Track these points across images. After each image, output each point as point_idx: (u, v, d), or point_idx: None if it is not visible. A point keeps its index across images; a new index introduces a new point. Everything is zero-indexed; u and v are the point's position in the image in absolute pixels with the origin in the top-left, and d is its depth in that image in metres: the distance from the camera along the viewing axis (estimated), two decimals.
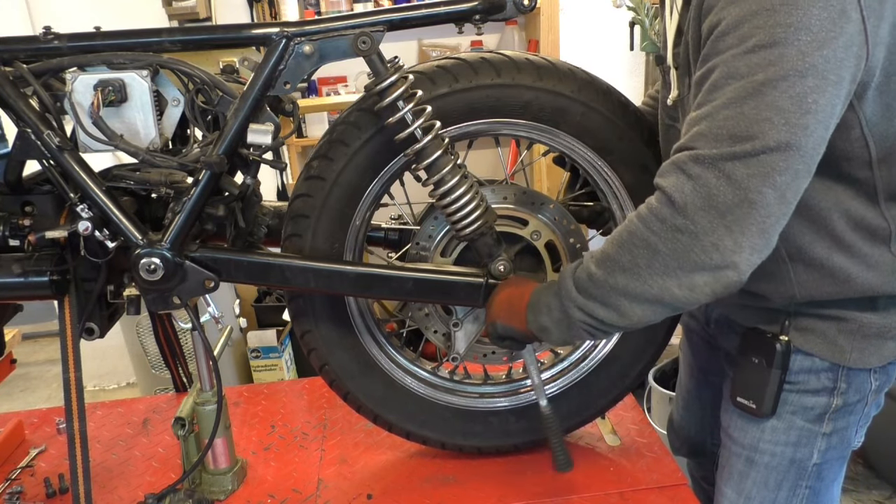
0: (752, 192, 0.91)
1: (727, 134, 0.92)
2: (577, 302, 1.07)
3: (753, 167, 0.91)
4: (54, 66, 1.24)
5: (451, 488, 1.45)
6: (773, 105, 0.90)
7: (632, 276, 1.00)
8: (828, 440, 1.20)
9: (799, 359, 1.17)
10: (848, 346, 1.13)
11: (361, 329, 1.43)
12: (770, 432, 1.21)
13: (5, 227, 1.31)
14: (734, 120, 0.92)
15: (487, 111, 1.29)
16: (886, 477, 2.65)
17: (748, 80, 0.91)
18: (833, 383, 1.16)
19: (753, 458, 1.24)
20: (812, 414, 1.19)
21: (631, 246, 1.00)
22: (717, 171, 0.92)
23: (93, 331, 1.37)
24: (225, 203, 1.30)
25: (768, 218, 0.93)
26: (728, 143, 0.92)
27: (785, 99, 0.89)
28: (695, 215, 0.94)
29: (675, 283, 0.97)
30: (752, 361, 1.19)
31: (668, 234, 0.96)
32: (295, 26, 1.23)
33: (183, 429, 1.42)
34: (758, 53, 0.90)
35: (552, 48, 3.53)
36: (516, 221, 1.39)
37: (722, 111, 0.93)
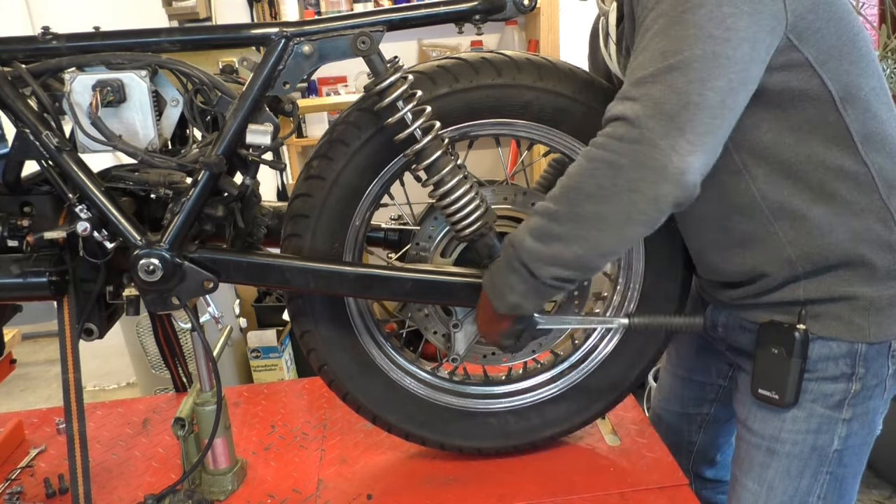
0: (694, 94, 0.98)
1: (659, 53, 1.00)
2: (541, 255, 1.08)
3: (690, 74, 0.98)
4: (53, 66, 1.23)
5: (451, 488, 1.45)
6: (696, 24, 0.98)
7: (598, 199, 1.03)
8: (848, 426, 1.22)
9: (817, 346, 1.19)
10: (864, 323, 1.17)
11: (361, 329, 1.43)
12: (791, 422, 1.23)
13: (4, 228, 1.30)
14: (663, 42, 1.00)
15: (488, 111, 1.29)
16: (886, 477, 2.65)
17: (671, 14, 1.00)
18: (851, 369, 1.19)
19: (774, 448, 1.26)
20: (832, 401, 1.21)
21: (592, 170, 1.04)
22: (659, 85, 0.99)
23: (92, 331, 1.37)
24: (224, 203, 1.30)
25: (714, 119, 0.99)
26: (661, 59, 0.99)
27: (705, 20, 0.98)
28: (648, 122, 0.99)
29: (640, 197, 1.01)
30: (772, 352, 1.21)
31: (628, 148, 1.00)
32: (294, 26, 1.23)
33: (183, 429, 1.42)
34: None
35: (552, 48, 3.53)
36: (516, 222, 1.38)
37: (651, 41, 1.01)
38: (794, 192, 1.13)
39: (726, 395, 1.56)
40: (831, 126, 1.10)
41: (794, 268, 1.17)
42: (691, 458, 1.63)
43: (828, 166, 1.11)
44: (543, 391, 1.49)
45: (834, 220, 1.13)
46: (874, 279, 1.16)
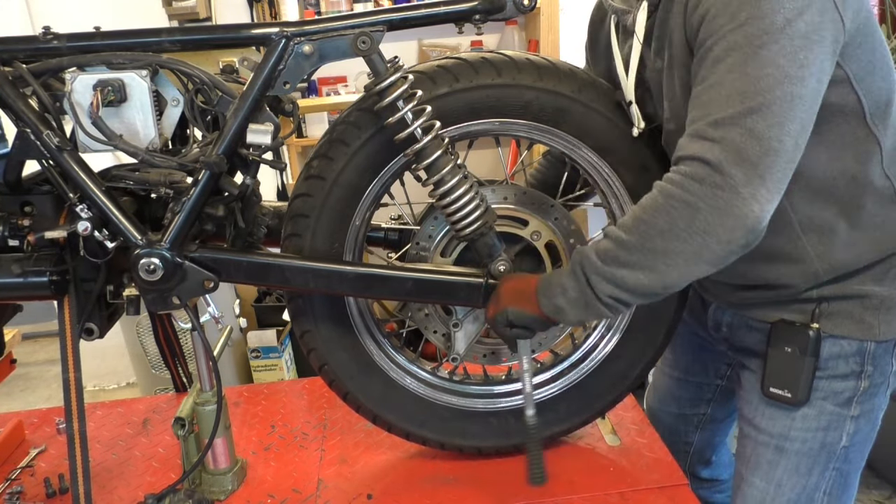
0: (775, 141, 0.98)
1: (737, 93, 0.99)
2: (604, 273, 1.09)
3: (770, 118, 0.98)
4: (54, 66, 1.23)
5: (451, 488, 1.45)
6: (772, 62, 0.98)
7: (671, 236, 1.03)
8: (855, 423, 1.24)
9: (828, 345, 1.21)
10: (875, 321, 1.19)
11: (361, 329, 1.43)
12: (801, 419, 1.25)
13: (5, 228, 1.31)
14: (740, 81, 0.99)
15: (488, 111, 1.29)
16: (886, 477, 2.65)
17: (746, 48, 0.99)
18: (860, 367, 1.21)
19: (783, 447, 1.27)
20: (842, 398, 1.23)
21: (669, 209, 1.03)
22: (739, 129, 0.98)
23: (92, 331, 1.37)
24: (224, 203, 1.30)
25: (789, 164, 1.00)
26: (739, 101, 0.99)
27: (781, 56, 0.98)
28: (731, 170, 0.98)
29: (714, 240, 1.01)
30: (785, 351, 1.22)
31: (709, 192, 1.00)
32: (294, 26, 1.23)
33: (183, 429, 1.42)
34: (751, 24, 0.98)
35: (552, 48, 3.53)
36: (516, 222, 1.39)
37: (727, 76, 1.00)
38: (824, 206, 1.15)
39: (724, 394, 1.56)
40: (862, 141, 1.12)
41: (818, 277, 1.19)
42: (688, 458, 1.64)
43: (858, 181, 1.14)
44: (543, 391, 1.49)
45: (861, 232, 1.16)
46: (885, 279, 1.19)
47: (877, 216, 1.16)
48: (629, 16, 1.22)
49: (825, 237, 1.17)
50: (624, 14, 1.24)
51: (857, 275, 1.19)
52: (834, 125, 1.11)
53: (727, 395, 1.56)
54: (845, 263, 1.18)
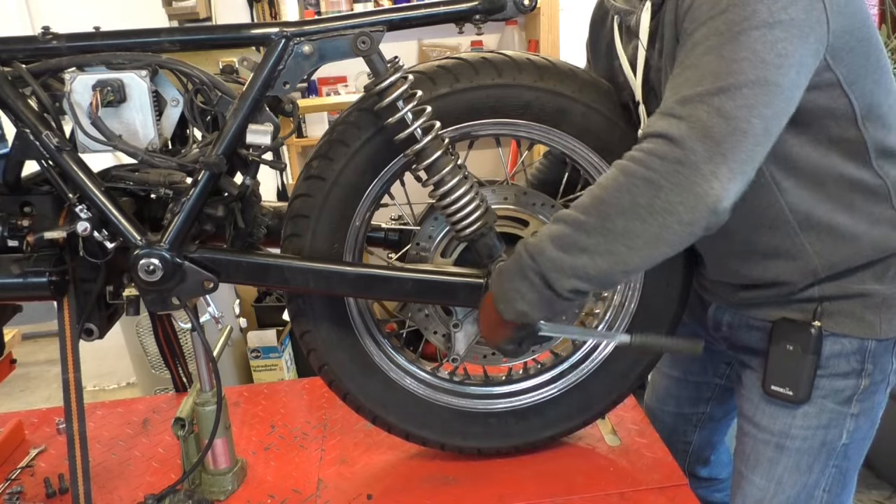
0: (742, 121, 0.96)
1: (710, 73, 0.98)
2: (563, 266, 1.04)
3: (740, 100, 0.96)
4: (53, 66, 1.23)
5: (451, 488, 1.45)
6: (749, 47, 0.97)
7: (632, 216, 1.00)
8: (855, 421, 1.24)
9: (829, 343, 1.21)
10: (876, 320, 1.19)
11: (361, 329, 1.43)
12: (802, 417, 1.25)
13: (4, 228, 1.30)
14: (715, 62, 0.98)
15: (488, 111, 1.29)
16: (886, 477, 2.65)
17: (725, 33, 0.98)
18: (861, 365, 1.22)
19: (784, 444, 1.27)
20: (842, 396, 1.23)
21: (630, 186, 1.00)
22: (707, 106, 0.97)
23: (92, 331, 1.37)
24: (224, 203, 1.30)
25: (756, 147, 0.98)
26: (711, 80, 0.98)
27: (759, 44, 0.97)
28: (693, 145, 0.97)
29: (675, 220, 0.99)
30: (787, 349, 1.22)
31: (670, 168, 0.98)
32: (294, 26, 1.23)
33: (183, 429, 1.42)
34: (732, 11, 0.98)
35: (552, 48, 3.53)
36: (517, 222, 1.38)
37: (702, 58, 1.00)
38: (819, 203, 1.15)
39: (722, 393, 1.56)
40: (850, 142, 1.12)
41: (816, 275, 1.19)
42: (687, 457, 1.64)
43: (846, 178, 1.14)
44: (544, 391, 1.49)
45: (856, 229, 1.16)
46: (885, 277, 1.19)
47: (872, 214, 1.16)
48: (632, 17, 1.21)
49: (823, 234, 1.16)
50: (627, 15, 1.23)
51: (856, 272, 1.19)
52: (823, 126, 1.11)
53: (726, 394, 1.56)
54: (844, 261, 1.17)
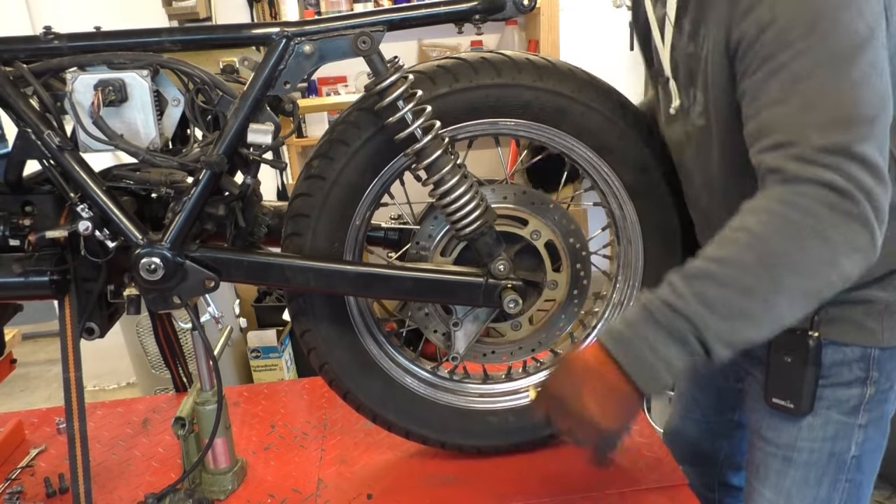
0: (881, 165, 0.93)
1: (845, 117, 0.93)
2: (731, 338, 0.96)
3: (872, 142, 0.92)
4: (54, 65, 1.23)
5: (451, 488, 1.45)
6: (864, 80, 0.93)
7: (805, 273, 0.94)
8: (864, 431, 1.21)
9: (830, 352, 1.17)
10: (878, 327, 1.15)
11: (361, 328, 1.43)
12: (807, 430, 1.21)
13: (5, 227, 1.31)
14: (839, 102, 0.93)
15: (488, 111, 1.30)
16: (886, 477, 2.65)
17: (833, 64, 0.93)
18: (865, 373, 1.17)
19: (791, 457, 1.23)
20: (848, 406, 1.19)
21: (797, 237, 0.93)
22: (850, 159, 0.92)
23: (93, 330, 1.37)
24: (225, 203, 1.30)
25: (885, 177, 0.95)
26: (844, 126, 0.92)
27: (868, 68, 0.93)
28: (859, 198, 0.92)
29: (836, 273, 0.94)
30: (785, 361, 1.18)
31: (840, 220, 0.92)
32: (295, 26, 1.23)
33: (183, 429, 1.42)
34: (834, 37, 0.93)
35: (552, 48, 3.54)
36: (516, 221, 1.39)
37: (823, 98, 0.94)
38: None
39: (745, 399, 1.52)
40: None
41: None
42: (717, 466, 1.60)
43: None
44: None
45: None
46: (890, 284, 1.14)
47: None
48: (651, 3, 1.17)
49: None
50: None
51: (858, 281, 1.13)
52: None
53: None
54: None
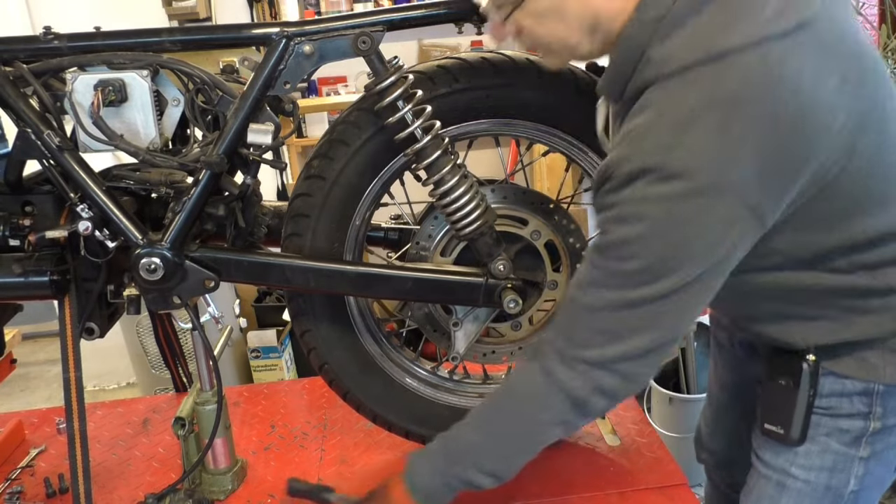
0: (640, 379, 1.03)
1: (603, 331, 0.99)
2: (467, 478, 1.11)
3: (640, 364, 1.00)
4: (54, 66, 1.24)
5: None
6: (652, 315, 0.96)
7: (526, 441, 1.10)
8: (866, 465, 1.11)
9: (829, 381, 1.08)
10: (880, 363, 1.06)
11: (361, 328, 1.43)
12: (804, 456, 1.13)
13: (5, 227, 1.31)
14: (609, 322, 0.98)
15: (488, 111, 1.30)
16: None
17: (629, 294, 0.95)
18: (868, 407, 1.08)
19: (785, 483, 1.15)
20: (848, 437, 1.10)
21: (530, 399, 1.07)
22: (607, 370, 1.00)
23: (93, 330, 1.37)
24: (225, 203, 1.30)
25: (641, 385, 1.04)
26: (615, 343, 0.98)
27: (662, 310, 0.96)
28: (596, 402, 1.03)
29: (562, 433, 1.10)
30: (780, 384, 1.11)
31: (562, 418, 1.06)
32: (295, 26, 1.23)
33: (183, 429, 1.42)
34: (641, 275, 0.94)
35: None
36: (516, 221, 1.39)
37: (604, 313, 0.99)
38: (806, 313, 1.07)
39: None
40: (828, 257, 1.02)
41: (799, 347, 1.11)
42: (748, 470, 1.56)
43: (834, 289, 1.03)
44: None
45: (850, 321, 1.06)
46: None
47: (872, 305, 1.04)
48: None
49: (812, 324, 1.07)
50: None
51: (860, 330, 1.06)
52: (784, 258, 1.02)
53: None
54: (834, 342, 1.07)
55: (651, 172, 0.89)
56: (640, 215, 0.91)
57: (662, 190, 0.89)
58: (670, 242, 0.91)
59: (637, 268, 0.93)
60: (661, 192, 0.89)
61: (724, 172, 0.87)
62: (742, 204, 0.89)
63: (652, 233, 0.92)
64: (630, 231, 0.93)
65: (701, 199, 0.88)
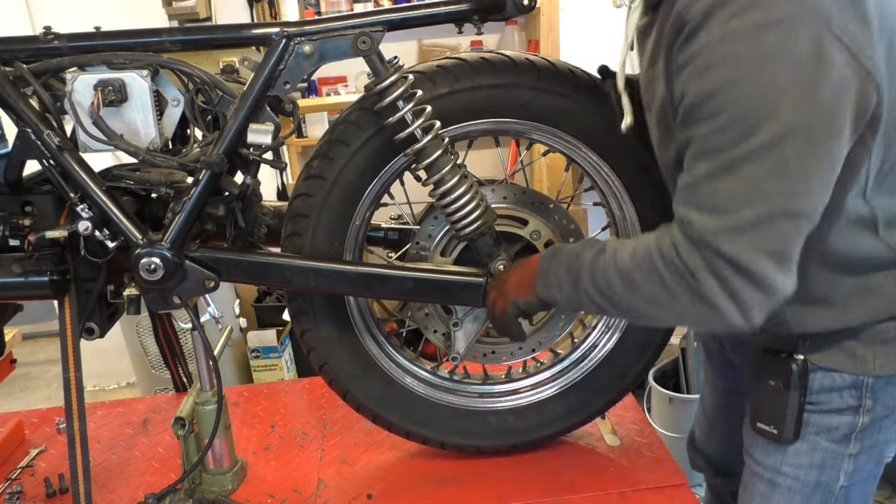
0: (743, 262, 0.92)
1: (706, 207, 0.93)
2: (594, 298, 1.09)
3: (739, 241, 0.91)
4: (54, 66, 1.24)
5: (451, 488, 1.45)
6: (749, 177, 0.89)
7: (651, 305, 1.02)
8: (855, 461, 1.13)
9: (818, 377, 1.11)
10: (870, 355, 1.08)
11: (361, 328, 1.43)
12: (793, 455, 1.15)
13: (5, 227, 1.31)
14: (712, 194, 0.92)
15: (488, 111, 1.30)
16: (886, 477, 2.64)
17: (726, 154, 0.90)
18: (858, 401, 1.10)
19: (776, 481, 1.18)
20: (837, 434, 1.12)
21: (655, 283, 1.00)
22: (706, 247, 0.93)
23: (93, 331, 1.37)
24: (225, 203, 1.30)
25: (771, 282, 0.93)
26: (707, 216, 0.93)
27: (761, 170, 0.88)
28: (703, 279, 0.94)
29: (686, 322, 1.09)
30: (769, 384, 1.13)
31: (684, 290, 0.97)
32: (295, 26, 1.23)
33: (183, 429, 1.42)
34: (731, 128, 0.89)
35: (552, 48, 3.53)
36: (516, 221, 1.39)
37: (701, 184, 0.93)
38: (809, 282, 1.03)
39: None
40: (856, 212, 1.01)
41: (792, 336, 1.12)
42: None
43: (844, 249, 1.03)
44: (543, 390, 1.50)
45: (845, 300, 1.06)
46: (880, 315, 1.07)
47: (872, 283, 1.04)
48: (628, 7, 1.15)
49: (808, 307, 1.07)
50: None
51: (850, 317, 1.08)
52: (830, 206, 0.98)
53: None
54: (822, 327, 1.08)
55: (725, 6, 0.86)
56: (719, 59, 0.87)
57: (739, 24, 0.85)
58: (756, 83, 0.86)
59: (727, 121, 0.88)
60: (738, 26, 0.85)
61: None
62: (826, 29, 0.84)
63: (735, 76, 0.87)
64: (711, 81, 0.88)
65: (782, 27, 0.84)
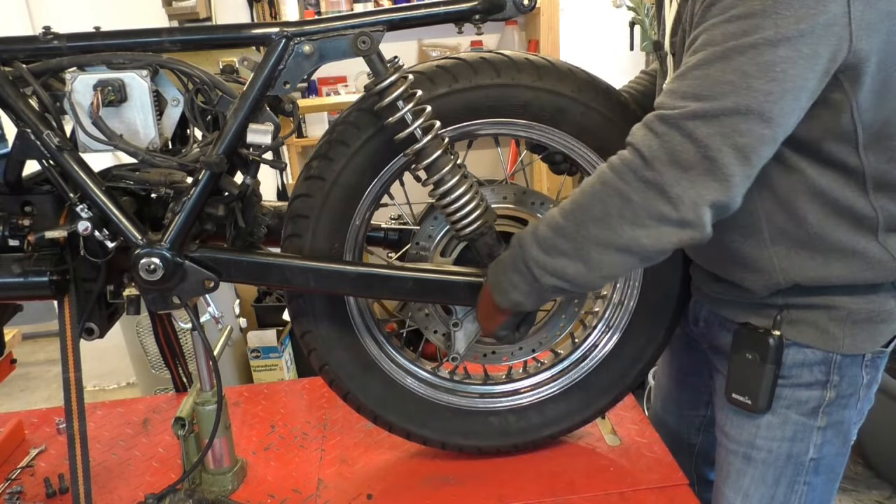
0: (712, 150, 0.94)
1: (692, 93, 0.96)
2: (545, 265, 1.09)
3: (714, 127, 0.94)
4: (54, 66, 1.23)
5: (451, 488, 1.45)
6: (739, 69, 0.93)
7: (603, 225, 1.02)
8: (823, 434, 1.21)
9: (791, 352, 1.18)
10: (840, 333, 1.15)
11: (361, 329, 1.43)
12: (766, 428, 1.23)
13: (5, 227, 1.31)
14: (700, 80, 0.96)
15: (487, 111, 1.29)
16: (886, 477, 2.65)
17: (721, 46, 0.94)
18: (826, 376, 1.18)
19: (750, 455, 1.25)
20: (806, 408, 1.20)
21: (604, 195, 1.02)
22: (680, 129, 0.96)
23: (93, 331, 1.37)
24: (225, 203, 1.30)
25: (730, 177, 0.96)
26: (691, 100, 0.96)
27: (752, 65, 0.92)
28: (661, 168, 0.97)
29: (643, 233, 1.00)
30: (746, 357, 1.20)
31: (639, 185, 0.99)
32: (295, 26, 1.23)
33: (183, 429, 1.42)
34: (734, 23, 0.94)
35: (552, 48, 3.54)
36: (516, 221, 1.39)
37: (691, 72, 0.97)
38: (798, 220, 1.10)
39: None
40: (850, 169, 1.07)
41: (777, 286, 1.16)
42: (692, 459, 1.62)
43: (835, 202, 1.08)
44: (544, 390, 1.49)
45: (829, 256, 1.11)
46: (855, 292, 1.14)
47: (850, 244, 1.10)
48: None
49: (793, 253, 1.12)
50: None
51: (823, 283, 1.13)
52: (824, 151, 1.06)
53: None
54: (808, 282, 1.13)
55: None
56: None
57: None
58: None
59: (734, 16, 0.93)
60: None
61: None
62: None
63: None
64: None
65: None
